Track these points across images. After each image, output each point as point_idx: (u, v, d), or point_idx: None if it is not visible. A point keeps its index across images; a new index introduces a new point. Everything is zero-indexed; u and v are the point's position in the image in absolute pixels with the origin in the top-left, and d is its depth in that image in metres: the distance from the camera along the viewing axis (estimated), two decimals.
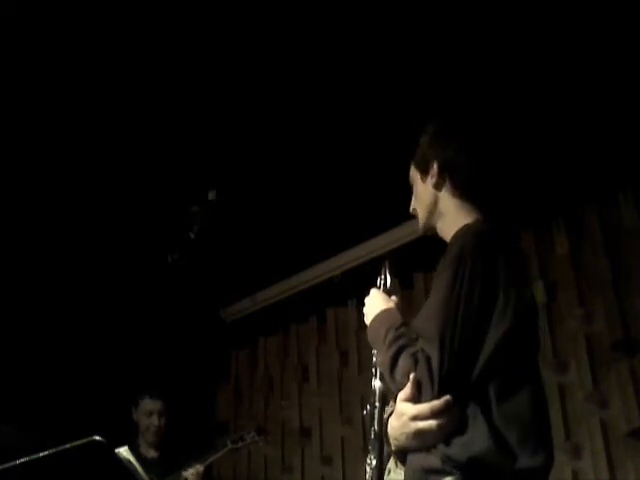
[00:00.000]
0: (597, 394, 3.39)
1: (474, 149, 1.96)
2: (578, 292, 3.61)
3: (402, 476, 1.77)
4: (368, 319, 1.87)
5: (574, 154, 3.45)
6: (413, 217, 2.04)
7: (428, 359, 1.61)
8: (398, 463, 1.78)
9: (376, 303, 1.88)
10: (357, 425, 4.20)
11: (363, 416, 1.87)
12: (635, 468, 3.18)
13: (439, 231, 1.94)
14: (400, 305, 1.89)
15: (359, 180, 3.72)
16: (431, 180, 1.93)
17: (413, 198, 2.01)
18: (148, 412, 3.93)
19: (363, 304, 1.93)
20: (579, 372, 3.47)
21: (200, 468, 3.75)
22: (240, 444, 3.98)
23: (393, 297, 1.92)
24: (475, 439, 1.59)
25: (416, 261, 3.88)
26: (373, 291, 1.94)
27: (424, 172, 1.95)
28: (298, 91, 3.30)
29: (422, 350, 1.63)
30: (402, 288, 3.96)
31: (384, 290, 1.96)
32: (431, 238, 1.99)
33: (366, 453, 1.83)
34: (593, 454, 3.31)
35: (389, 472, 1.80)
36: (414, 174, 2.00)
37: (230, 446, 3.94)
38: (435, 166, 1.92)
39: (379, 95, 3.30)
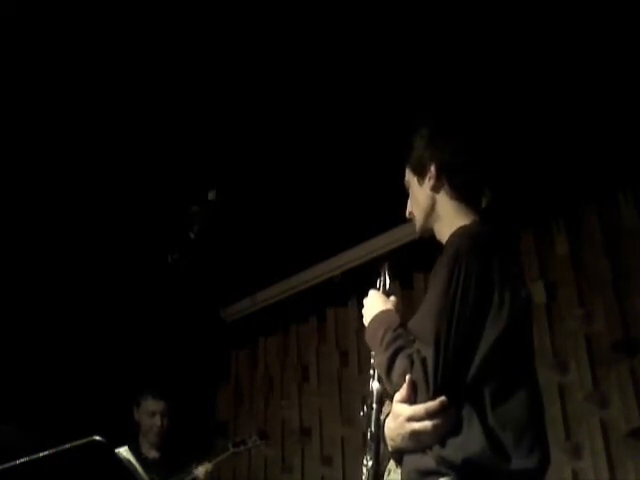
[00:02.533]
0: (597, 394, 3.39)
1: (471, 150, 1.96)
2: (578, 292, 3.61)
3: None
4: (366, 320, 1.88)
5: (574, 154, 3.44)
6: None
7: (423, 360, 1.61)
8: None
9: (374, 304, 1.88)
10: (357, 425, 4.19)
11: (361, 418, 1.87)
12: (635, 468, 3.18)
13: (436, 233, 1.94)
14: (399, 306, 1.90)
15: (359, 180, 3.72)
16: (428, 183, 1.92)
17: (409, 202, 2.01)
18: (151, 412, 3.92)
19: (363, 305, 1.93)
20: (579, 372, 3.47)
21: (209, 466, 3.76)
22: (242, 447, 3.98)
23: (392, 298, 1.92)
24: (470, 440, 1.59)
25: (416, 261, 3.87)
26: (372, 292, 1.94)
27: (421, 175, 1.95)
28: (298, 92, 3.30)
29: (418, 351, 1.64)
30: (402, 288, 3.96)
31: (383, 291, 1.96)
32: (431, 238, 1.99)
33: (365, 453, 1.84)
34: (593, 454, 3.31)
35: (389, 472, 1.80)
36: (410, 178, 2.00)
37: (232, 450, 3.94)
38: (433, 168, 1.91)
39: (378, 96, 3.30)
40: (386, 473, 1.81)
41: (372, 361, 1.87)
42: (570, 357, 3.53)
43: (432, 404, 1.60)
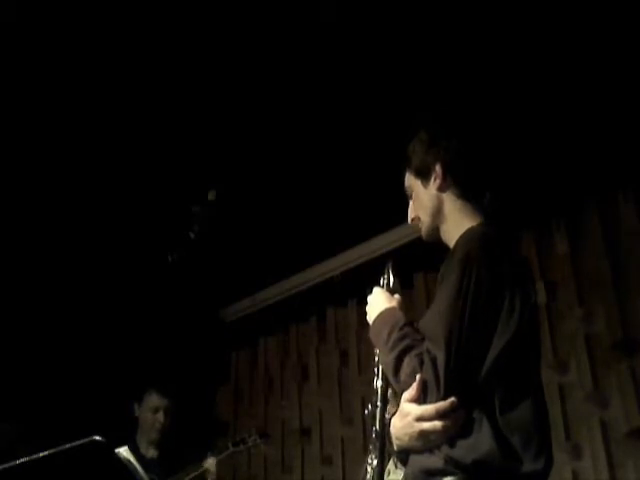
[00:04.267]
0: (597, 394, 3.39)
1: (475, 148, 1.97)
2: (578, 292, 3.61)
3: (402, 477, 1.77)
4: (371, 317, 1.88)
5: (574, 154, 3.45)
6: None
7: (434, 360, 1.61)
8: (397, 464, 1.79)
9: (379, 302, 1.88)
10: (357, 425, 4.20)
11: (364, 416, 1.88)
12: (635, 468, 3.18)
13: (442, 234, 1.94)
14: (403, 304, 1.90)
15: (359, 180, 3.72)
16: (434, 183, 1.92)
17: (412, 207, 2.00)
18: (154, 408, 3.90)
19: (365, 303, 1.93)
20: (579, 372, 3.47)
21: (216, 460, 3.76)
22: (242, 447, 3.97)
23: (396, 296, 1.92)
24: (480, 442, 1.60)
25: (416, 261, 3.87)
26: (376, 290, 1.94)
27: (425, 177, 1.95)
28: (298, 91, 3.30)
29: (428, 351, 1.63)
30: (402, 288, 3.95)
31: (387, 289, 1.96)
32: (437, 241, 1.98)
33: (366, 453, 1.83)
34: (593, 454, 3.31)
35: (389, 473, 1.80)
36: (412, 183, 1.99)
37: (232, 449, 3.92)
38: (438, 168, 1.92)
39: (377, 96, 3.30)
40: (385, 474, 1.81)
41: (376, 359, 1.87)
42: (570, 357, 3.53)
43: (443, 404, 1.60)
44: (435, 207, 1.93)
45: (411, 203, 2.01)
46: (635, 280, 3.44)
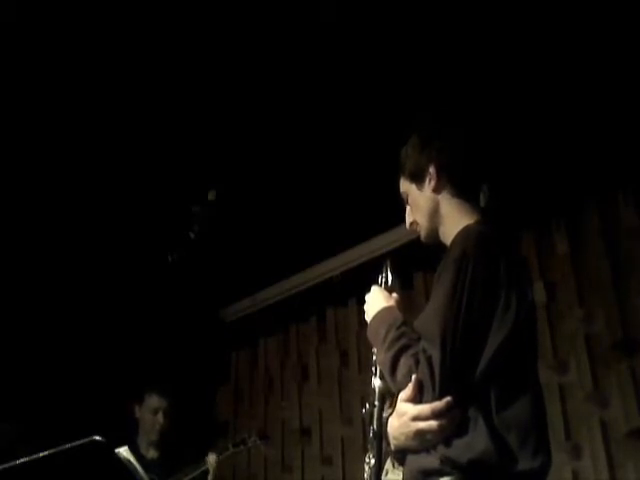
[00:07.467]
0: (597, 394, 3.39)
1: (469, 147, 1.97)
2: (578, 292, 3.61)
3: (400, 476, 1.77)
4: (368, 316, 1.88)
5: (574, 154, 3.45)
6: None
7: (429, 359, 1.61)
8: (395, 464, 1.79)
9: (377, 300, 1.88)
10: (357, 425, 4.20)
11: (363, 416, 1.87)
12: (635, 468, 3.18)
13: (441, 235, 1.93)
14: (401, 303, 1.90)
15: (359, 180, 3.72)
16: (429, 185, 1.92)
17: (409, 212, 2.00)
18: (154, 409, 3.90)
19: (364, 302, 1.93)
20: (579, 372, 3.47)
21: (218, 457, 3.77)
22: (242, 447, 3.97)
23: (394, 295, 1.92)
24: (476, 441, 1.59)
25: (416, 261, 3.87)
26: (374, 288, 1.94)
27: (420, 180, 1.94)
28: (298, 92, 3.30)
29: (424, 350, 1.63)
30: (402, 288, 3.94)
31: (385, 288, 1.96)
32: (437, 244, 1.98)
33: (366, 453, 1.83)
34: (593, 454, 3.31)
35: (386, 473, 1.80)
36: (407, 187, 1.99)
37: (232, 449, 3.92)
38: (432, 170, 1.91)
39: (376, 96, 3.30)
40: (383, 473, 1.81)
41: (374, 358, 1.87)
42: (570, 357, 3.53)
43: (439, 404, 1.60)
44: (432, 209, 1.92)
45: (408, 208, 2.01)
46: (635, 280, 3.44)
